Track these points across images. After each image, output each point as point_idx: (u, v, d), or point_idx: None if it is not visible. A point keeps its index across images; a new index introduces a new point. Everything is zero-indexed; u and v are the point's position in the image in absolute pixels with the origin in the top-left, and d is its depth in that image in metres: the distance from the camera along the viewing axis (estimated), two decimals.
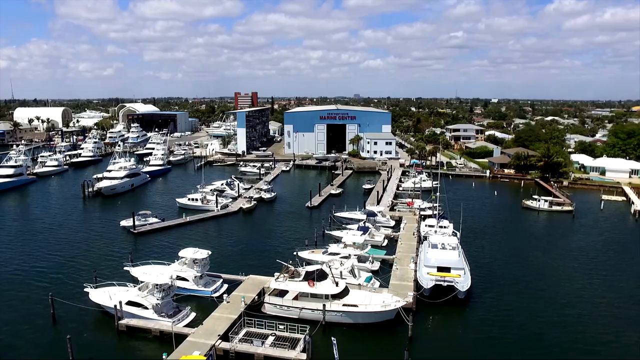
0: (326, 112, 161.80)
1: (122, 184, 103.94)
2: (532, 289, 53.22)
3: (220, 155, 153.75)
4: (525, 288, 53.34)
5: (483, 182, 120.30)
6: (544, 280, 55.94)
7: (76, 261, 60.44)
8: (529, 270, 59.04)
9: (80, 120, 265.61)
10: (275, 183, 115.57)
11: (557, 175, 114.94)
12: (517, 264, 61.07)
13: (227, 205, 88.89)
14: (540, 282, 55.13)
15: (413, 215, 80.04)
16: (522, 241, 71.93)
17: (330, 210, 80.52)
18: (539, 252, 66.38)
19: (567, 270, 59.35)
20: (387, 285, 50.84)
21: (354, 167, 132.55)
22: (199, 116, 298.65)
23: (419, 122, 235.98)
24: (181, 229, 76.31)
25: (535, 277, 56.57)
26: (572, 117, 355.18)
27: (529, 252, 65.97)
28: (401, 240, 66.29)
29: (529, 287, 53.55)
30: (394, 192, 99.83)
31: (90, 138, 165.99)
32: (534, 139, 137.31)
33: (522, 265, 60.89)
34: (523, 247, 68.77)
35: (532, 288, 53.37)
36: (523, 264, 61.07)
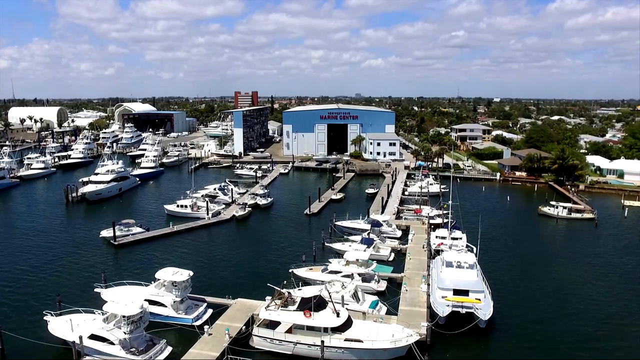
0: (327, 111, 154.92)
1: (109, 189, 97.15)
2: (563, 314, 46.37)
3: (215, 157, 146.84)
4: (554, 313, 46.44)
5: (493, 186, 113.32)
6: (574, 302, 49.05)
7: (43, 280, 53.64)
8: (555, 290, 52.15)
9: (75, 120, 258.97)
10: (272, 187, 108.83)
11: (573, 178, 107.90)
12: (541, 282, 54.18)
13: (219, 212, 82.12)
14: (570, 306, 48.25)
15: (421, 224, 73.14)
16: (542, 254, 64.98)
17: (330, 218, 73.63)
18: (562, 267, 59.52)
19: (599, 290, 52.40)
20: (395, 311, 44.03)
21: (356, 169, 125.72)
22: (197, 116, 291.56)
23: (423, 121, 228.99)
24: (167, 240, 69.53)
25: (563, 299, 49.69)
26: (578, 117, 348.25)
27: (552, 268, 59.06)
28: (410, 254, 59.38)
29: (558, 312, 46.68)
30: (399, 198, 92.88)
31: (82, 139, 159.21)
32: (545, 140, 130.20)
33: (547, 283, 54.01)
34: (544, 261, 61.85)
35: (562, 313, 46.51)
36: (548, 282, 54.18)
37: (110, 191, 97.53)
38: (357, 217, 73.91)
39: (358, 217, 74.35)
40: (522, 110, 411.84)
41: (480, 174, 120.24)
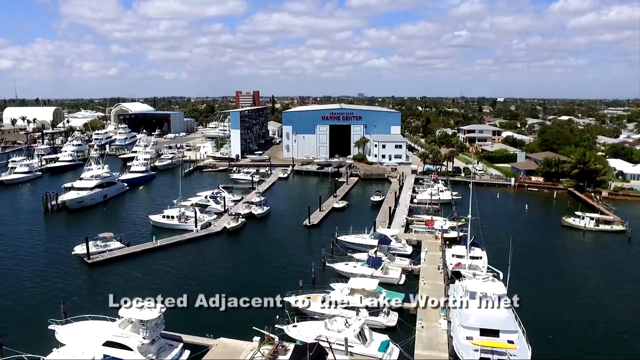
0: (329, 111, 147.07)
1: (92, 196, 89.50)
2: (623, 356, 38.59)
3: (211, 160, 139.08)
4: (609, 354, 38.64)
5: (507, 192, 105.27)
6: (624, 340, 41.17)
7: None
8: (596, 324, 44.28)
9: (71, 121, 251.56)
10: (270, 193, 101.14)
11: (594, 184, 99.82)
12: (579, 313, 46.34)
13: (210, 223, 74.44)
14: (620, 346, 40.38)
15: (434, 238, 65.22)
16: (574, 275, 57.16)
17: (332, 233, 65.62)
18: (600, 291, 51.71)
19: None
20: (410, 356, 36.22)
21: (359, 173, 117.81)
22: (196, 116, 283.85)
23: (429, 122, 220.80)
24: (149, 257, 61.82)
25: (609, 339, 41.80)
26: (586, 116, 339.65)
27: (589, 293, 51.23)
28: (424, 277, 51.46)
29: (615, 353, 38.88)
30: (407, 206, 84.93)
31: (71, 140, 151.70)
32: (562, 142, 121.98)
33: (586, 314, 46.15)
34: (578, 284, 53.97)
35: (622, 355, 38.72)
36: (587, 314, 46.31)
37: (94, 199, 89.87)
38: (362, 230, 66.18)
39: (363, 229, 66.63)
40: (528, 110, 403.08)
41: (494, 179, 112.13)
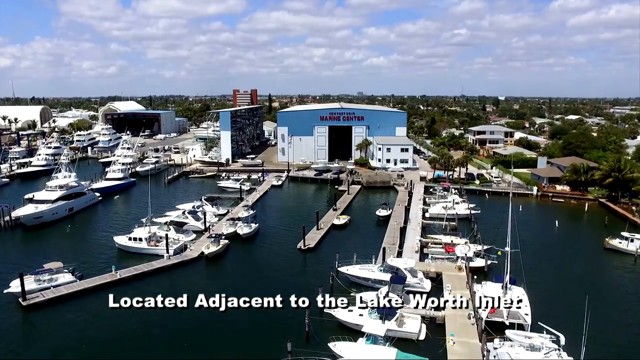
0: (328, 111, 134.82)
1: (55, 210, 77.36)
2: None
3: (198, 165, 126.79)
4: None
5: (529, 203, 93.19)
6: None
7: None
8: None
9: (57, 121, 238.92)
10: (261, 204, 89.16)
11: (629, 194, 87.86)
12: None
13: (186, 246, 62.38)
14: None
15: (457, 269, 53.25)
16: (636, 318, 45.17)
17: (331, 266, 53.39)
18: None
19: None
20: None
21: (362, 180, 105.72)
22: (189, 115, 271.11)
23: (434, 122, 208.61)
24: (103, 295, 49.52)
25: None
26: (594, 116, 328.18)
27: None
28: (453, 336, 39.11)
29: None
30: (420, 224, 72.80)
31: (47, 142, 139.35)
32: (588, 146, 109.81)
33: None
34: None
35: None
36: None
37: (56, 213, 77.68)
38: (368, 258, 54.23)
39: (369, 256, 54.80)
40: (534, 109, 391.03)
41: (513, 188, 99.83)
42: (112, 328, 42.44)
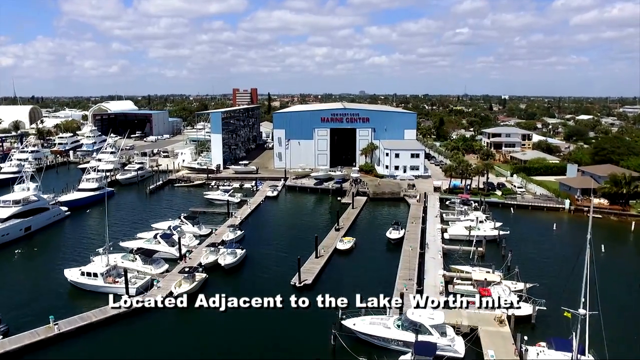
0: (329, 112, 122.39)
1: (4, 231, 65.34)
2: None
3: (186, 172, 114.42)
4: None
5: (561, 219, 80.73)
6: None
7: None
8: None
9: (45, 121, 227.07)
10: (252, 222, 76.91)
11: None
12: None
13: (152, 283, 50.23)
14: None
15: (497, 323, 40.85)
16: None
17: (334, 321, 40.95)
18: None
19: None
20: None
21: (368, 191, 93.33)
22: (184, 115, 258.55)
23: (442, 123, 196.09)
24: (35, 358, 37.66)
25: None
26: (606, 116, 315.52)
27: None
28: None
29: None
30: (440, 251, 60.33)
31: (18, 146, 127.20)
32: (624, 152, 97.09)
33: None
34: None
35: None
36: None
37: (7, 234, 65.66)
38: (383, 307, 41.62)
39: (379, 294, 41.85)
40: (542, 108, 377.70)
41: (541, 200, 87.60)
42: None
